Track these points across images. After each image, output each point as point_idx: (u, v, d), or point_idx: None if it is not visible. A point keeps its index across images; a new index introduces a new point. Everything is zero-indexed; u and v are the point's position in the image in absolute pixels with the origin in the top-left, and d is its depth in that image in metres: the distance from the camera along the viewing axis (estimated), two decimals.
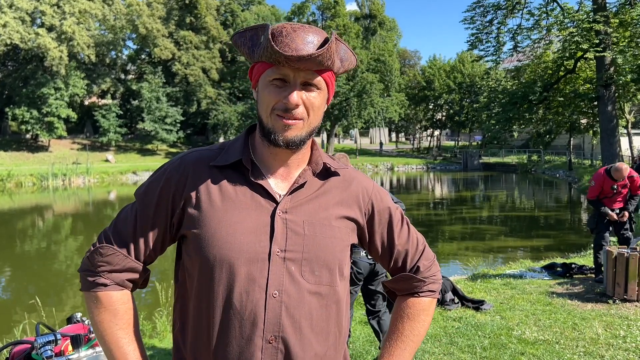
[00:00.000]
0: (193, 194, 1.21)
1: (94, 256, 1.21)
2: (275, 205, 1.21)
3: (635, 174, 6.85)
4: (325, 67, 1.16)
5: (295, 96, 1.14)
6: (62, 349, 1.96)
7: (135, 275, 1.24)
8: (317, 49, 1.13)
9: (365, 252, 3.93)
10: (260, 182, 1.21)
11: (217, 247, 1.16)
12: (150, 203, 1.23)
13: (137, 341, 1.24)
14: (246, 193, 1.21)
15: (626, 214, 6.82)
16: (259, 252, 1.17)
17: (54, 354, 1.89)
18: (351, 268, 3.74)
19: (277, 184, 1.24)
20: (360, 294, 4.52)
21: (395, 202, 4.23)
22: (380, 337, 4.17)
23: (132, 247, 1.22)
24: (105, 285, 1.20)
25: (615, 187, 6.79)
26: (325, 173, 1.29)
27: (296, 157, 1.25)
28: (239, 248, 1.16)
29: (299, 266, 1.19)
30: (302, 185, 1.24)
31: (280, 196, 1.22)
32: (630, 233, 6.94)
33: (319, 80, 1.17)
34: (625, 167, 6.76)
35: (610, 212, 6.79)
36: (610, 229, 6.92)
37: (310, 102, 1.17)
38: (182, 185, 1.22)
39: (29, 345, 1.96)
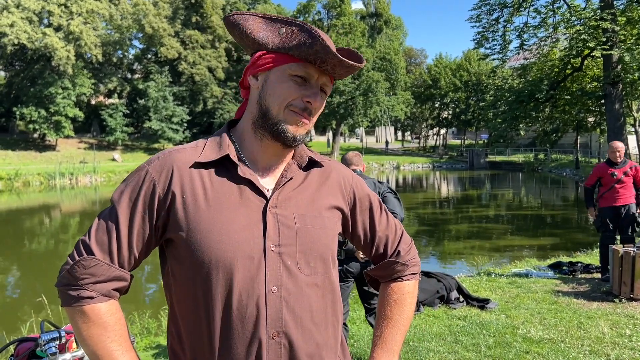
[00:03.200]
0: (179, 195, 1.15)
1: (75, 269, 1.13)
2: (265, 200, 1.19)
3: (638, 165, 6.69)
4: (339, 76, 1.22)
5: (319, 99, 1.18)
6: (67, 345, 1.97)
7: (122, 284, 1.18)
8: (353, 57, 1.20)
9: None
10: (248, 177, 1.19)
11: (211, 248, 1.13)
12: (131, 208, 1.16)
13: (131, 350, 1.19)
14: (234, 190, 1.18)
15: None
16: (254, 249, 1.15)
17: (58, 350, 1.91)
18: (341, 265, 3.81)
19: (264, 179, 1.23)
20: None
21: (387, 189, 4.19)
22: None
23: (115, 255, 1.15)
24: (92, 297, 1.13)
25: (615, 174, 6.59)
26: (308, 165, 1.30)
27: (284, 151, 1.25)
28: (234, 247, 1.14)
29: (294, 259, 1.18)
30: (289, 179, 1.24)
31: (268, 191, 1.21)
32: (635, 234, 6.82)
33: (330, 86, 1.22)
34: (620, 145, 6.58)
35: (590, 212, 6.86)
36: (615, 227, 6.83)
37: (319, 105, 1.21)
38: (165, 186, 1.16)
39: (34, 342, 1.98)
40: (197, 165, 1.18)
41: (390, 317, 1.38)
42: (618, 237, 6.93)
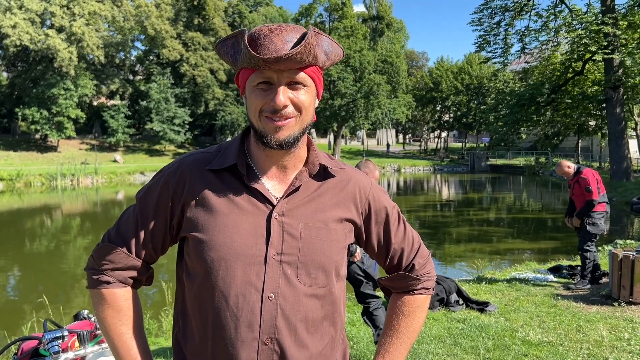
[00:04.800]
0: (191, 198, 1.23)
1: (97, 255, 1.26)
2: (271, 208, 1.21)
3: (586, 175, 6.56)
4: (308, 64, 1.15)
5: (282, 97, 1.14)
6: (69, 344, 2.00)
7: (139, 273, 1.29)
8: (294, 46, 1.12)
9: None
10: (256, 185, 1.22)
11: (214, 250, 1.18)
12: (149, 206, 1.26)
13: (140, 336, 1.28)
14: (243, 196, 1.22)
15: (575, 219, 6.68)
16: (255, 255, 1.18)
17: (61, 349, 1.93)
18: None
19: (273, 187, 1.24)
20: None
21: None
22: (373, 331, 4.24)
23: (133, 246, 1.25)
24: (109, 282, 1.25)
25: (570, 184, 6.93)
26: (323, 174, 1.29)
27: (292, 158, 1.25)
28: (235, 251, 1.18)
29: (294, 269, 1.20)
30: (298, 188, 1.25)
31: (277, 199, 1.23)
32: (584, 245, 6.61)
33: (303, 77, 1.16)
34: (564, 164, 6.83)
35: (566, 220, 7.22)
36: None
37: (300, 101, 1.17)
38: (180, 189, 1.24)
39: (37, 341, 2.00)
40: (210, 171, 1.25)
41: (396, 329, 1.37)
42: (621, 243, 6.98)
